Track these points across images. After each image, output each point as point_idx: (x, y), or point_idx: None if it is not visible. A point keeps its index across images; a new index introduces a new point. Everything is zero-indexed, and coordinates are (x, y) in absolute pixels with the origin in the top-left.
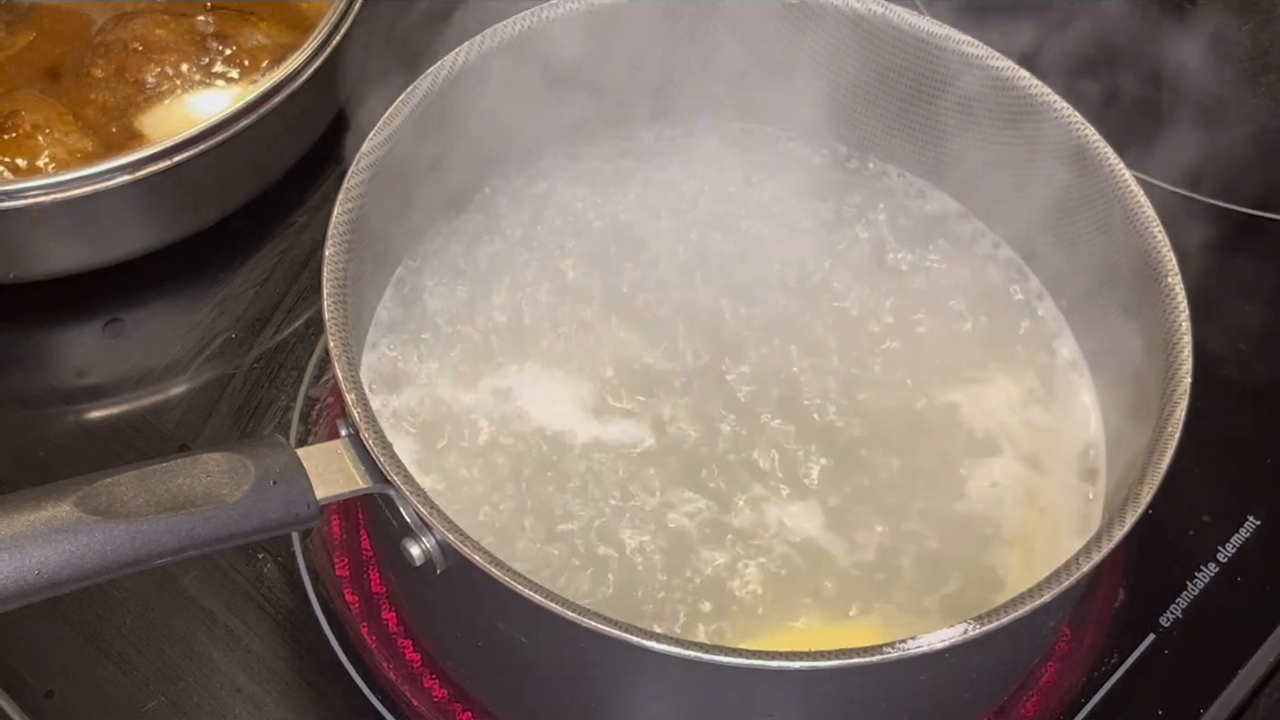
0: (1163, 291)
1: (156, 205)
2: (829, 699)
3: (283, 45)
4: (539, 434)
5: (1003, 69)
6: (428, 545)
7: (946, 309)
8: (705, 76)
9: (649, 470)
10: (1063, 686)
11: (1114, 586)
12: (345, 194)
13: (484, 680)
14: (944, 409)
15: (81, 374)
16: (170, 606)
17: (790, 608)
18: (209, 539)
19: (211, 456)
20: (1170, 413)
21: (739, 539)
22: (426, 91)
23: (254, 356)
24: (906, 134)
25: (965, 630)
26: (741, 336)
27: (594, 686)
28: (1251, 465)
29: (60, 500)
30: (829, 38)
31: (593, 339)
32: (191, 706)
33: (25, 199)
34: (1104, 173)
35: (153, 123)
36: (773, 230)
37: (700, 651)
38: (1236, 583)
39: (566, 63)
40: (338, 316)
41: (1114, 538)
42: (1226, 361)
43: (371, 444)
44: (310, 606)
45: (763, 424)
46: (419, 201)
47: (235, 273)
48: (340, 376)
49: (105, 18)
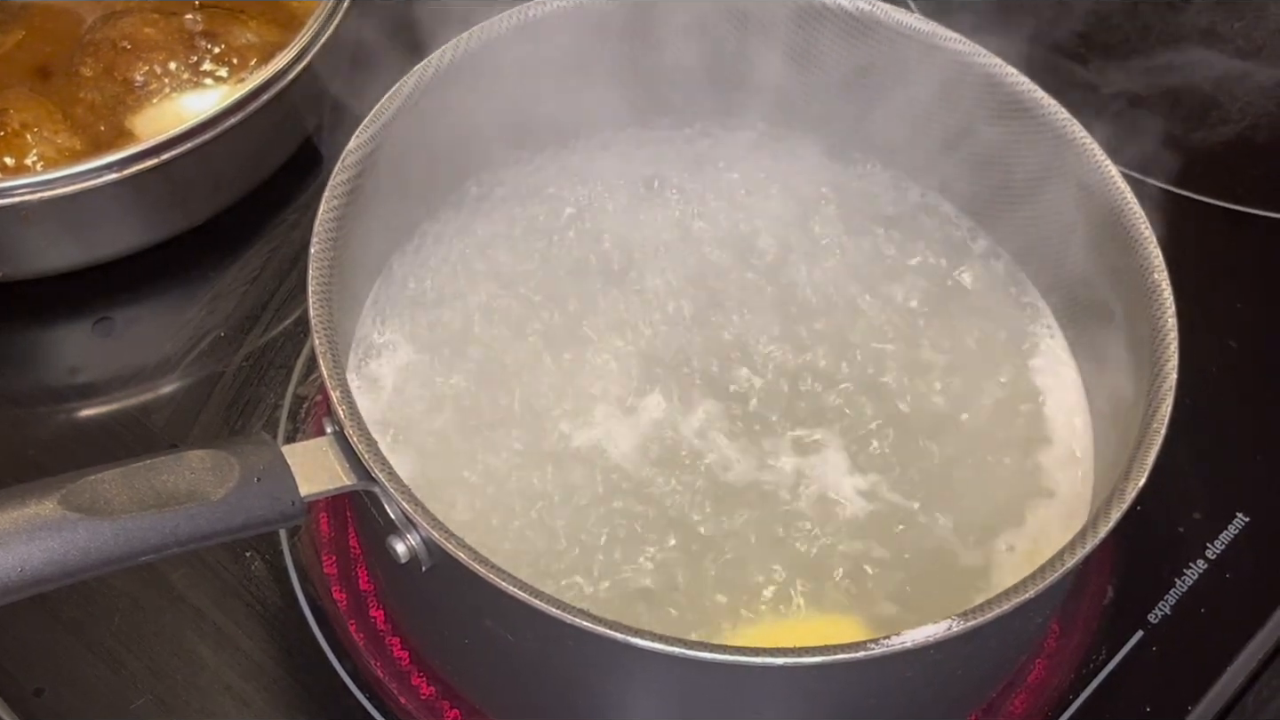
0: (1149, 288)
1: (145, 203)
2: (815, 696)
3: (271, 43)
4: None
5: (990, 66)
6: (413, 542)
7: (932, 304)
8: (687, 75)
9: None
10: (1051, 683)
11: (1102, 583)
12: (331, 192)
13: (471, 677)
14: (933, 405)
15: (72, 372)
16: (159, 604)
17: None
18: (193, 536)
19: (196, 454)
20: (1156, 409)
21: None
22: (413, 88)
23: (243, 355)
24: (897, 133)
25: (949, 626)
26: (728, 320)
27: (580, 683)
28: (1241, 462)
29: (44, 498)
30: (829, 38)
31: (587, 333)
32: (180, 704)
33: (13, 197)
34: (1091, 169)
35: (142, 121)
36: (748, 217)
37: (685, 648)
38: (1225, 579)
39: (554, 60)
40: (323, 315)
41: (1099, 534)
42: (1215, 358)
43: (356, 441)
44: (298, 604)
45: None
46: (407, 199)
47: (225, 271)
48: (325, 374)
49: (95, 16)
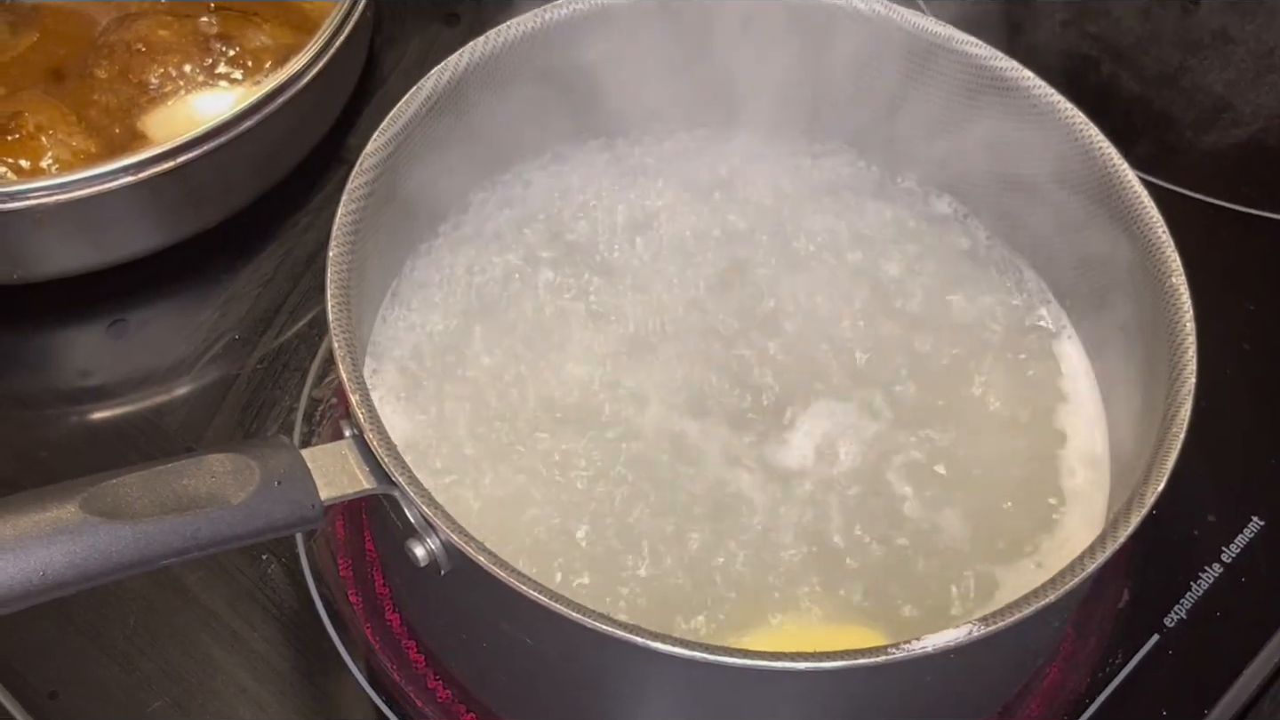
0: (1167, 292)
1: (160, 206)
2: (834, 700)
3: (286, 46)
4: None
5: (1005, 69)
6: (432, 546)
7: (949, 310)
8: (712, 79)
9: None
10: (1067, 687)
11: (1118, 587)
12: (349, 195)
13: (488, 681)
14: (947, 410)
15: (85, 375)
16: (174, 607)
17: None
18: (214, 540)
19: (216, 457)
20: (1175, 413)
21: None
22: (431, 91)
23: (258, 357)
24: (909, 134)
25: (970, 631)
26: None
27: (599, 687)
28: (1256, 465)
29: (65, 501)
30: (826, 38)
31: (608, 328)
32: (195, 707)
33: (29, 200)
34: (1108, 173)
35: (156, 124)
36: (748, 218)
37: (704, 652)
38: (1241, 583)
39: (574, 63)
40: (342, 318)
41: (1118, 538)
42: (1230, 361)
43: (376, 445)
44: (314, 607)
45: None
46: (424, 201)
47: (238, 273)
48: (344, 378)
49: (109, 19)
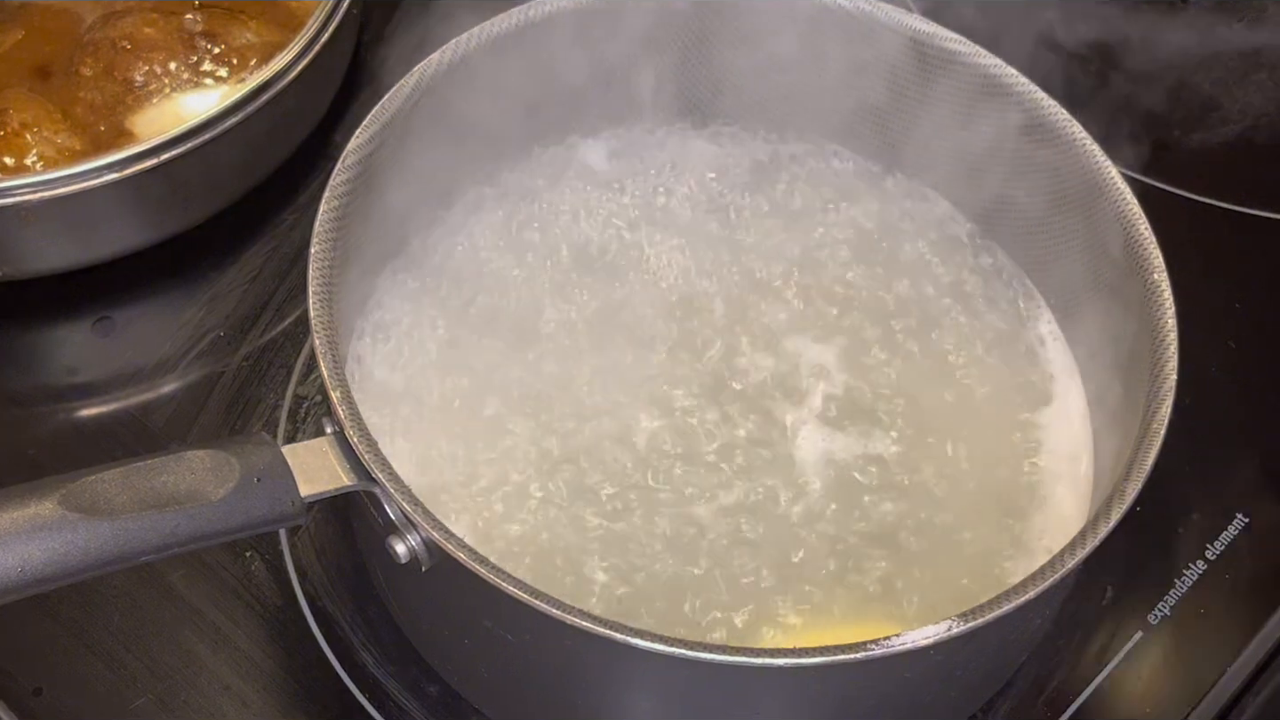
0: (1149, 288)
1: (145, 203)
2: (815, 696)
3: (271, 43)
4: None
5: (991, 67)
6: (413, 543)
7: (936, 306)
8: (696, 77)
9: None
10: (1051, 684)
11: (1102, 584)
12: (331, 192)
13: (472, 678)
14: (932, 407)
15: (71, 372)
16: (158, 604)
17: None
18: (193, 536)
19: (196, 454)
20: (1156, 410)
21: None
22: (414, 88)
23: (243, 355)
24: (897, 133)
25: (949, 627)
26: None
27: (581, 684)
28: (1240, 462)
29: (44, 498)
30: (827, 38)
31: (595, 327)
32: (179, 704)
33: (14, 197)
34: (1091, 170)
35: (142, 121)
36: (741, 216)
37: (685, 649)
38: (1225, 580)
39: (557, 61)
40: (323, 315)
41: (1100, 534)
42: (1214, 358)
43: (356, 441)
44: (298, 604)
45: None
46: (407, 199)
47: (224, 271)
48: (325, 374)
49: (94, 16)
